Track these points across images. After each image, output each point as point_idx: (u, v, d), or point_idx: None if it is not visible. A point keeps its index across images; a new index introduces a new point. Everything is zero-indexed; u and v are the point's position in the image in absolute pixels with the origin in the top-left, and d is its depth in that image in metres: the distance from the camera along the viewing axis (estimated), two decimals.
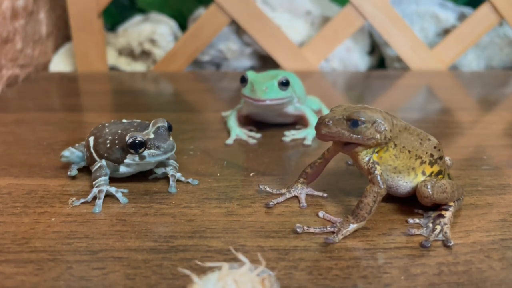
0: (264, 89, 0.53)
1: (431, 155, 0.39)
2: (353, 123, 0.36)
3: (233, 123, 0.58)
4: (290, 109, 0.58)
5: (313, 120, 0.58)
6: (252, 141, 0.56)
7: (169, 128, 0.44)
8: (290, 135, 0.57)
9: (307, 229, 0.37)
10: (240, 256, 0.29)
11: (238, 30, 0.98)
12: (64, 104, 0.74)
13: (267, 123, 0.60)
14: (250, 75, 0.55)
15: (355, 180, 0.46)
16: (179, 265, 0.33)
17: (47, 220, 0.38)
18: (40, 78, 0.87)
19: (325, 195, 0.43)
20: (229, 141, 0.56)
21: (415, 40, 0.93)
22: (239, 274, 0.27)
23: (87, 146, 0.45)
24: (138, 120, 0.47)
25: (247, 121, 0.61)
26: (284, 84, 0.54)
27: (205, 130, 0.61)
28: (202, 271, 0.31)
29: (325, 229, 0.37)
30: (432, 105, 0.76)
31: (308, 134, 0.57)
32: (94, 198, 0.41)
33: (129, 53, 0.98)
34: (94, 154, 0.44)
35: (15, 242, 0.35)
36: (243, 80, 0.55)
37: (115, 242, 0.35)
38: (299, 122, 0.61)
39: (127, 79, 0.88)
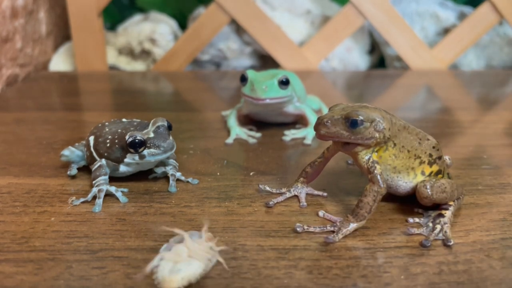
0: (264, 88, 0.53)
1: (430, 155, 0.39)
2: (352, 122, 0.36)
3: (233, 122, 0.58)
4: (290, 108, 0.58)
5: (313, 119, 0.58)
6: (252, 141, 0.56)
7: (169, 127, 0.44)
8: (290, 134, 0.57)
9: (307, 228, 0.37)
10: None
11: (238, 29, 0.98)
12: (64, 103, 0.74)
13: (267, 123, 0.60)
14: (250, 74, 0.55)
15: (355, 179, 0.46)
16: None
17: (47, 220, 0.38)
18: (40, 77, 0.87)
19: (325, 194, 0.43)
20: (229, 140, 0.56)
21: (415, 39, 0.93)
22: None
23: (87, 146, 0.45)
24: (138, 120, 0.47)
25: (247, 121, 0.61)
26: (284, 83, 0.54)
27: (205, 129, 0.61)
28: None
29: (325, 228, 0.37)
30: (432, 104, 0.76)
31: (308, 134, 0.57)
32: (94, 197, 0.41)
33: (129, 52, 0.98)
34: (94, 154, 0.44)
35: (15, 241, 0.35)
36: (243, 79, 0.55)
37: (115, 242, 0.35)
38: (299, 121, 0.61)
39: (127, 79, 0.88)
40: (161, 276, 0.29)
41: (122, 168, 0.44)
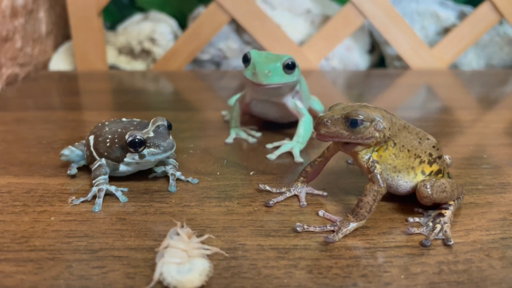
0: (267, 73, 0.48)
1: (430, 155, 0.39)
2: (352, 122, 0.36)
3: (234, 123, 0.58)
4: (290, 102, 0.53)
5: (302, 132, 0.52)
6: (252, 140, 0.56)
7: (169, 127, 0.44)
8: (275, 152, 0.52)
9: (307, 228, 0.37)
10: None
11: (238, 28, 0.98)
12: (64, 102, 0.74)
13: (268, 122, 0.60)
14: (254, 54, 0.50)
15: (355, 179, 0.46)
16: None
17: (46, 219, 0.38)
18: (39, 77, 0.86)
19: (325, 194, 0.43)
20: (229, 139, 0.56)
21: (415, 39, 0.93)
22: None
23: (87, 145, 0.45)
24: (138, 119, 0.47)
25: (251, 121, 0.61)
26: (290, 67, 0.49)
27: (205, 128, 0.61)
28: None
29: (325, 228, 0.37)
30: (432, 104, 0.76)
31: (294, 148, 0.51)
32: (94, 197, 0.41)
33: (129, 51, 0.97)
34: (94, 153, 0.44)
35: (14, 241, 0.35)
36: (246, 60, 0.50)
37: (115, 241, 0.35)
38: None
39: (127, 78, 0.88)
40: (174, 279, 0.30)
41: (122, 168, 0.44)
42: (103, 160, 0.43)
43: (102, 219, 0.38)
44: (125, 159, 0.43)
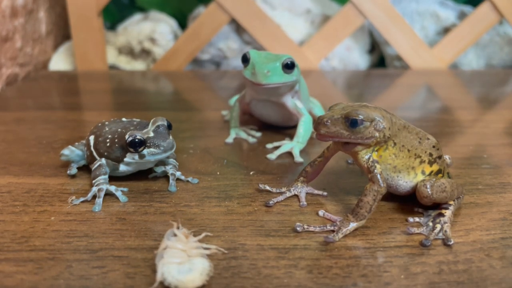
0: (266, 73, 0.48)
1: (430, 154, 0.39)
2: (352, 122, 0.36)
3: (233, 123, 0.58)
4: (289, 102, 0.53)
5: (302, 132, 0.52)
6: (252, 140, 0.56)
7: (169, 127, 0.44)
8: (275, 152, 0.52)
9: (307, 228, 0.37)
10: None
11: (238, 28, 0.98)
12: (64, 102, 0.74)
13: (268, 123, 0.60)
14: (253, 54, 0.50)
15: (355, 179, 0.46)
16: None
17: (46, 219, 0.38)
18: (39, 77, 0.86)
19: (325, 193, 0.43)
20: (229, 139, 0.56)
21: (415, 38, 0.93)
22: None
23: (87, 145, 0.45)
24: (138, 119, 0.47)
25: (251, 120, 0.61)
26: (289, 66, 0.49)
27: (205, 128, 0.61)
28: None
29: (325, 227, 0.37)
30: (432, 103, 0.76)
31: (294, 148, 0.52)
32: (94, 196, 0.41)
33: (129, 51, 0.97)
34: (94, 153, 0.44)
35: (14, 241, 0.35)
36: (245, 60, 0.51)
37: (115, 241, 0.35)
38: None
39: (126, 78, 0.88)
40: (175, 279, 0.30)
41: (122, 168, 0.44)
42: (103, 160, 0.43)
43: (102, 219, 0.38)
44: (125, 159, 0.43)
